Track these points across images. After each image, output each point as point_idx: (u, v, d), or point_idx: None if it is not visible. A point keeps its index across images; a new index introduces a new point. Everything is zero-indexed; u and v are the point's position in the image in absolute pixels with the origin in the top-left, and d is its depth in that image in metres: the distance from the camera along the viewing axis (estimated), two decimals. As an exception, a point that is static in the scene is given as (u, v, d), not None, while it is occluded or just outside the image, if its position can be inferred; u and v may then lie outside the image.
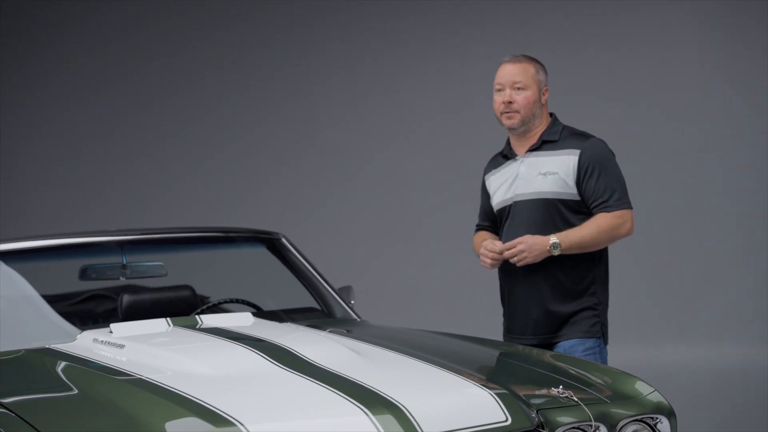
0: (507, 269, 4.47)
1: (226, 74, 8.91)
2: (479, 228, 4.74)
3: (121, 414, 3.17)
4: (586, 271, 4.42)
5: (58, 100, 9.33)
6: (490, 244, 4.43)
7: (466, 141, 8.13)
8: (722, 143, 7.62)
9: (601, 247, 4.42)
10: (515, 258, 4.34)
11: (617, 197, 4.38)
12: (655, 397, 3.53)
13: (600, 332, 4.43)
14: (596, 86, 7.76)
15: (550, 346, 4.41)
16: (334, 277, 5.09)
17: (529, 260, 4.33)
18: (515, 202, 4.46)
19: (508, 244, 4.36)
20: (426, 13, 8.37)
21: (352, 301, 4.92)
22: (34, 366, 3.80)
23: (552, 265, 4.37)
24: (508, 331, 4.56)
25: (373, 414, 3.10)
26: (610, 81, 7.83)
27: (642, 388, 3.57)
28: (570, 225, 4.38)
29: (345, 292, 4.96)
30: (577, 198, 4.39)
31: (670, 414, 3.50)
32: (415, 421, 3.11)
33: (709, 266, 7.64)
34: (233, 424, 3.03)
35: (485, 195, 4.68)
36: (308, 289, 4.92)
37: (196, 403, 3.19)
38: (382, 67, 8.50)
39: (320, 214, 8.51)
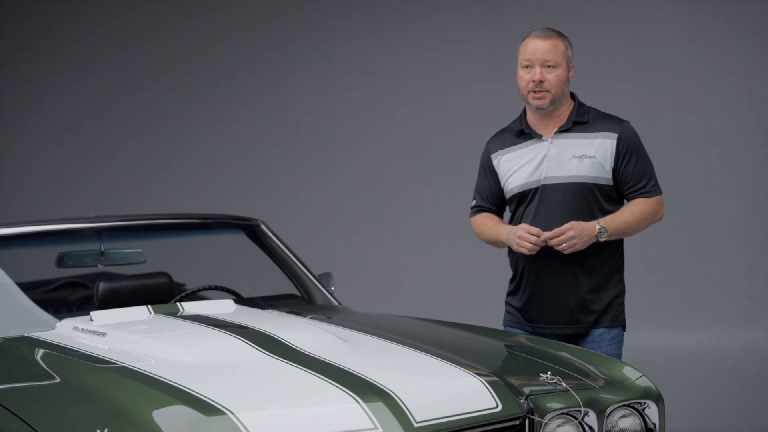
0: (534, 257, 4.23)
1: (203, 63, 8.85)
2: (481, 209, 4.46)
3: (107, 402, 3.12)
4: (613, 258, 4.29)
5: (35, 89, 9.26)
6: (528, 227, 4.16)
7: (444, 126, 8.12)
8: (723, 132, 7.59)
9: (638, 232, 4.26)
10: (564, 245, 4.10)
11: (654, 183, 4.25)
12: (643, 382, 3.52)
13: (624, 320, 4.34)
14: (594, 72, 7.71)
15: (578, 336, 4.26)
16: (314, 263, 5.04)
17: (578, 247, 4.11)
18: (544, 186, 4.22)
19: (556, 230, 4.11)
20: (402, 0, 8.34)
21: (333, 288, 4.87)
22: (14, 355, 3.74)
23: (586, 250, 4.18)
24: (532, 320, 4.31)
25: (364, 401, 3.07)
26: (610, 68, 7.77)
27: (630, 373, 3.56)
28: (604, 211, 4.22)
29: (325, 278, 4.91)
30: (611, 183, 4.22)
31: (657, 399, 3.49)
32: (407, 408, 3.08)
33: (706, 253, 7.62)
34: (223, 413, 2.98)
35: (491, 176, 4.40)
36: (288, 276, 4.87)
37: (183, 390, 3.14)
38: (359, 55, 8.47)
39: (300, 200, 8.48)
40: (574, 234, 4.10)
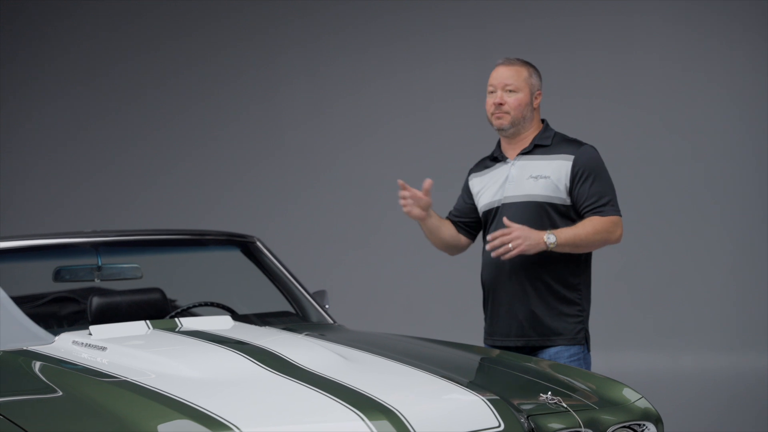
0: (492, 271, 4.45)
1: (195, 78, 8.86)
2: (447, 218, 4.70)
3: (111, 416, 3.11)
4: (572, 276, 4.41)
5: (32, 101, 9.26)
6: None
7: (433, 142, 8.15)
8: (711, 150, 7.60)
9: (591, 249, 4.40)
10: (511, 244, 4.22)
11: (610, 204, 4.38)
12: (642, 403, 3.56)
13: (584, 339, 4.44)
14: (583, 90, 7.74)
15: (533, 350, 4.40)
16: (305, 280, 5.06)
17: (524, 248, 4.22)
18: (503, 204, 4.44)
19: (502, 230, 4.25)
20: (388, 16, 8.38)
21: (327, 305, 4.90)
22: (14, 368, 3.73)
23: (540, 267, 4.36)
24: (491, 333, 4.52)
25: (369, 419, 3.08)
26: (599, 85, 7.79)
27: (629, 394, 3.59)
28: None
29: (319, 296, 4.93)
30: (568, 203, 4.39)
31: (657, 420, 3.52)
32: (411, 426, 3.09)
33: (696, 274, 7.64)
34: (228, 428, 2.98)
35: (466, 194, 4.66)
36: (283, 293, 4.89)
37: (187, 405, 3.14)
38: (348, 72, 8.49)
39: (295, 217, 8.48)
40: (519, 234, 4.24)
